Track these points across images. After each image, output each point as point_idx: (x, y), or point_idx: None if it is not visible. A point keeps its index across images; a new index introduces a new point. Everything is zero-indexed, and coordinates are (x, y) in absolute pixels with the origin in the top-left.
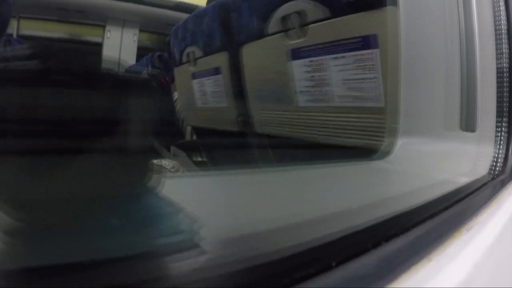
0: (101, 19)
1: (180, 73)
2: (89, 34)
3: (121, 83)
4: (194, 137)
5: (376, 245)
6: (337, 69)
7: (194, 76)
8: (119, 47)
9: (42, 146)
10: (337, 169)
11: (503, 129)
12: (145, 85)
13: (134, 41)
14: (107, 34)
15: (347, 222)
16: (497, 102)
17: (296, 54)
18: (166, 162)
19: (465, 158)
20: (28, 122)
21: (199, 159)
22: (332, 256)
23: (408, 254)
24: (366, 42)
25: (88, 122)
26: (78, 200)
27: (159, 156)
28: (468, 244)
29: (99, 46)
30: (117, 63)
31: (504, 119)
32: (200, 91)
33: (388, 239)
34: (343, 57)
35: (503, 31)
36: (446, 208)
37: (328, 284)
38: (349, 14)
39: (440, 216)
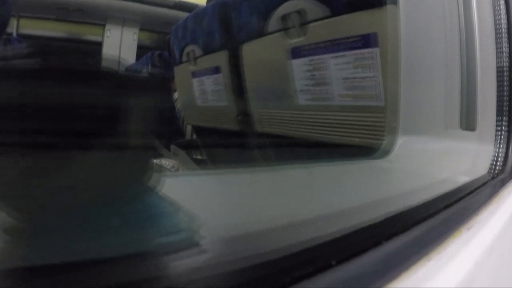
0: (101, 18)
1: (180, 72)
2: (89, 33)
3: (121, 82)
4: (194, 136)
5: (376, 244)
6: (337, 68)
7: (194, 75)
8: (119, 46)
9: (42, 145)
10: (337, 168)
11: (503, 128)
12: (145, 84)
13: (134, 40)
14: (107, 33)
15: (347, 221)
16: (497, 101)
17: (296, 53)
18: (166, 161)
19: (465, 157)
20: (29, 121)
21: (199, 158)
22: (332, 255)
23: (408, 253)
24: (366, 41)
25: (87, 121)
26: (78, 199)
27: (159, 155)
28: (468, 243)
29: (99, 45)
30: (117, 62)
31: (504, 118)
32: (200, 90)
33: (388, 238)
34: (343, 56)
35: (503, 30)
36: (446, 207)
37: (328, 283)
38: (349, 13)
39: (440, 215)
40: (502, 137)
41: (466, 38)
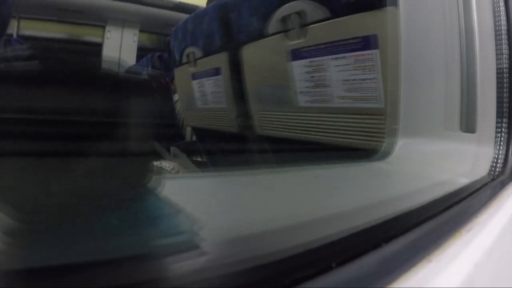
0: (101, 19)
1: (180, 74)
2: (89, 35)
3: (121, 83)
4: (194, 138)
5: (376, 246)
6: (337, 70)
7: (194, 76)
8: (119, 47)
9: (42, 146)
10: (337, 170)
11: (503, 129)
12: (145, 86)
13: (134, 41)
14: (107, 35)
15: (347, 223)
16: (497, 102)
17: (296, 54)
18: (166, 163)
19: (465, 159)
20: (29, 123)
21: (199, 160)
22: (332, 257)
23: (408, 255)
24: (366, 43)
25: (87, 123)
26: (78, 201)
27: (159, 157)
28: (468, 245)
29: (99, 46)
30: (117, 63)
31: (504, 119)
32: (200, 91)
33: (388, 240)
34: (343, 57)
35: (503, 31)
36: (446, 209)
37: (328, 285)
38: (349, 15)
39: (440, 217)
40: (502, 138)
41: (466, 40)
